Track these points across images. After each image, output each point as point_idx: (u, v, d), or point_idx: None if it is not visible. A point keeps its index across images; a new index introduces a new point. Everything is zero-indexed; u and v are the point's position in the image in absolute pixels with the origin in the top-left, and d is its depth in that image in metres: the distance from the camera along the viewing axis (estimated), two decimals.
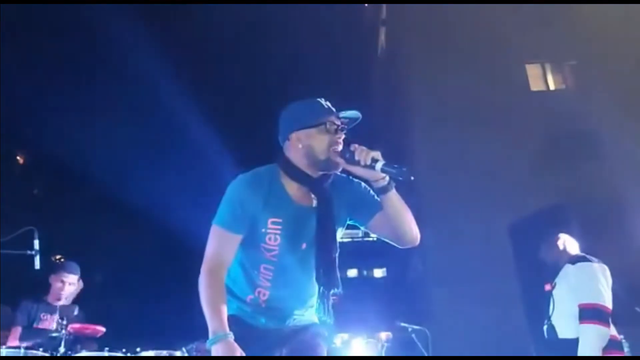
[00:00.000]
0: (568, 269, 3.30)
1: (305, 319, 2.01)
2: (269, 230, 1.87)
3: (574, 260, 3.30)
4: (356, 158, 1.79)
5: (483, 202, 12.25)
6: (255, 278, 1.92)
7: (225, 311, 1.76)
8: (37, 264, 3.48)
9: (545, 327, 3.31)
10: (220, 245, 1.87)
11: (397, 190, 1.89)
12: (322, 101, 1.94)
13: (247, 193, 1.88)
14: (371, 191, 1.96)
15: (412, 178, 1.73)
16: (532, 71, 15.21)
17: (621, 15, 12.99)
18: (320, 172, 1.91)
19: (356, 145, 1.83)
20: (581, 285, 3.13)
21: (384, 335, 17.01)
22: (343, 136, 1.90)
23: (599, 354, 2.98)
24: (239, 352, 1.65)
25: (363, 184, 2.00)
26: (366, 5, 23.65)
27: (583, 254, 3.35)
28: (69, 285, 4.23)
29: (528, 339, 5.88)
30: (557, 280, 3.37)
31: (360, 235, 34.08)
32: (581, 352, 2.99)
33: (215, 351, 1.65)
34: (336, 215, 1.93)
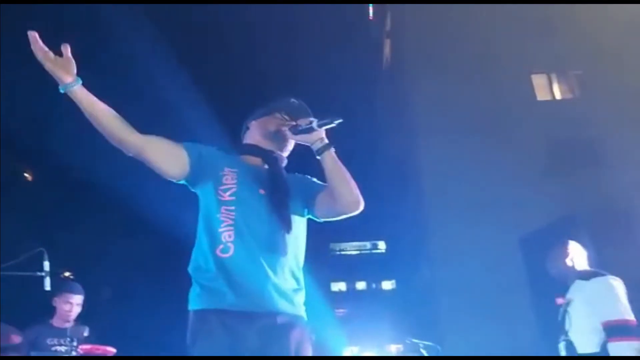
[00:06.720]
0: (581, 284, 3.16)
1: (286, 308, 1.85)
2: (225, 173, 1.99)
3: (587, 275, 3.19)
4: (298, 123, 2.01)
5: (491, 212, 12.21)
6: (217, 224, 1.89)
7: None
8: (47, 286, 3.42)
9: (563, 344, 3.22)
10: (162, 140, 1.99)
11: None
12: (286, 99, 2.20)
13: (208, 148, 2.08)
14: (313, 178, 2.16)
15: (341, 120, 1.93)
16: (538, 81, 15.21)
17: (626, 25, 13.00)
18: (272, 146, 2.11)
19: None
20: (600, 300, 3.00)
21: (394, 347, 16.86)
22: (292, 124, 2.08)
23: None
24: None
25: (306, 176, 2.19)
26: (370, 17, 23.80)
27: (594, 270, 3.26)
28: (77, 306, 4.05)
29: (540, 353, 5.82)
30: (569, 296, 3.27)
31: (368, 247, 34.00)
32: None
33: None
34: (286, 179, 2.06)
